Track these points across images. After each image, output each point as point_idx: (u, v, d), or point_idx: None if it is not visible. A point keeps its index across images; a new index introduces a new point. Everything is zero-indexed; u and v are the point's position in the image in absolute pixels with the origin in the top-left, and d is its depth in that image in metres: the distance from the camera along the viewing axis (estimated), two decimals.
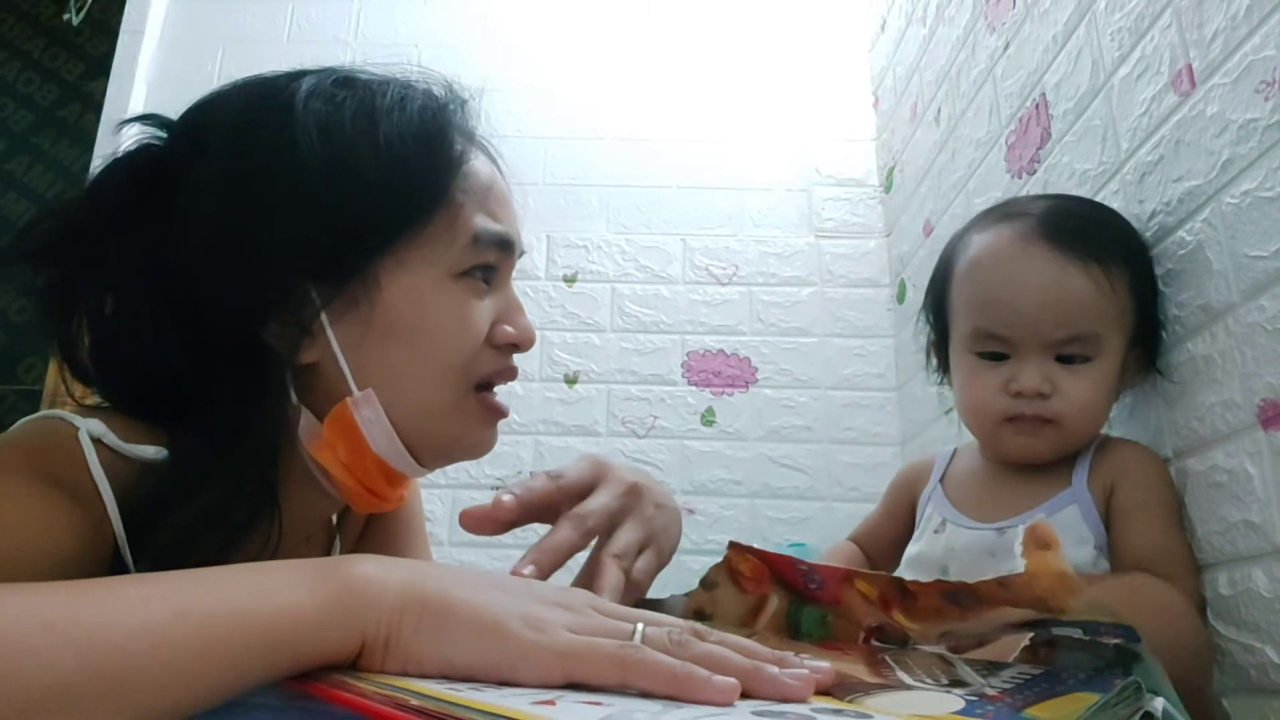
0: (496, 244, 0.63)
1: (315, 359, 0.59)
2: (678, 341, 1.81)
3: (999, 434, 0.84)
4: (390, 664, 0.39)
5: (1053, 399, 0.80)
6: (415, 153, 0.60)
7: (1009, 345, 0.83)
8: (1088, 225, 0.84)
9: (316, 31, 2.07)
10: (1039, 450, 0.83)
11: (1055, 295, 0.80)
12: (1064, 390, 0.80)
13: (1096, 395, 0.81)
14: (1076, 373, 0.81)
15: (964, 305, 0.87)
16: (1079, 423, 0.82)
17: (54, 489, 0.50)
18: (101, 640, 0.34)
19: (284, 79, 0.62)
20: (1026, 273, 0.81)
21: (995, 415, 0.83)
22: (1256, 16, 0.76)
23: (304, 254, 0.57)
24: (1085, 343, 0.80)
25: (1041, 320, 0.80)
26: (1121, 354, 0.82)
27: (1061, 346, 0.81)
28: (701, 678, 0.37)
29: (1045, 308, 0.80)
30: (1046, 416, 0.81)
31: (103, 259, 0.59)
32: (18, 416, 0.56)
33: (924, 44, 1.64)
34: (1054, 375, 0.81)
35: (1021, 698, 0.37)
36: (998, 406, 0.83)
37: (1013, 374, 0.82)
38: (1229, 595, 0.77)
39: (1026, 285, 0.81)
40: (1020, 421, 0.82)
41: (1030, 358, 0.81)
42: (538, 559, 0.56)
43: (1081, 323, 0.80)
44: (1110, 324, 0.81)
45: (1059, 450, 0.83)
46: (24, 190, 2.86)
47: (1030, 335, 0.81)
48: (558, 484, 0.61)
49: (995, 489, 0.88)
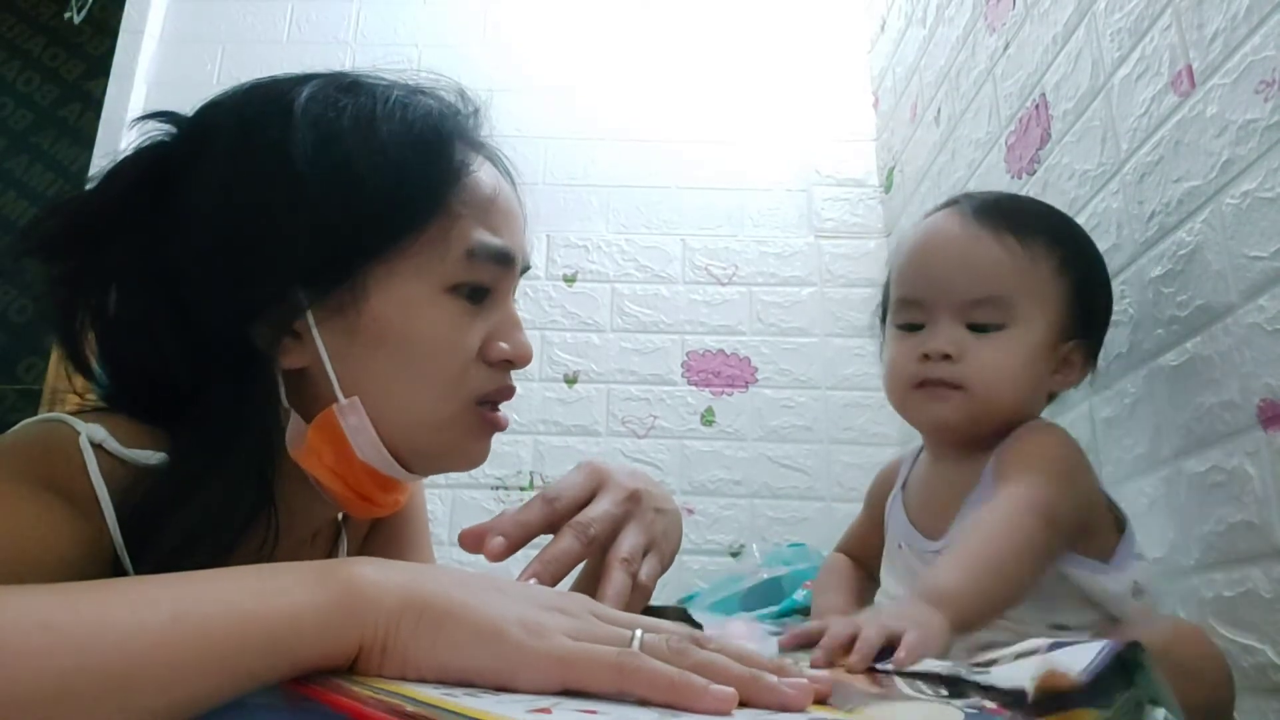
0: (494, 258, 0.62)
1: (304, 364, 0.59)
2: (677, 341, 1.81)
3: (910, 401, 0.85)
4: (388, 667, 0.39)
5: (960, 363, 0.80)
6: (412, 160, 0.59)
7: (924, 312, 0.84)
8: (1014, 208, 0.86)
9: (316, 31, 2.07)
10: (946, 416, 0.82)
11: (964, 257, 0.82)
12: (972, 355, 0.80)
13: (1007, 362, 0.80)
14: (987, 339, 0.81)
15: (892, 282, 0.90)
16: (987, 389, 0.80)
17: (52, 494, 0.50)
18: (101, 642, 0.34)
19: (290, 82, 0.61)
20: (943, 241, 0.84)
21: (906, 381, 0.84)
22: (1256, 17, 0.76)
23: (294, 257, 0.57)
24: (994, 306, 0.81)
25: (952, 281, 0.82)
26: (1043, 332, 0.81)
27: (972, 311, 0.81)
28: (699, 686, 0.37)
29: (955, 269, 0.82)
30: (952, 381, 0.81)
31: (109, 255, 0.59)
32: (18, 416, 0.56)
33: (924, 44, 1.64)
34: (962, 340, 0.81)
35: (1022, 711, 0.37)
36: (909, 373, 0.83)
37: (923, 340, 0.83)
38: (1229, 596, 0.77)
39: (940, 251, 0.84)
40: (927, 386, 0.82)
41: (941, 323, 0.82)
42: (539, 570, 0.55)
43: (989, 284, 0.81)
44: (1025, 293, 0.81)
45: (968, 419, 0.81)
46: (23, 189, 2.85)
47: (941, 297, 0.82)
48: (554, 507, 0.59)
49: (936, 490, 0.86)
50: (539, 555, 0.56)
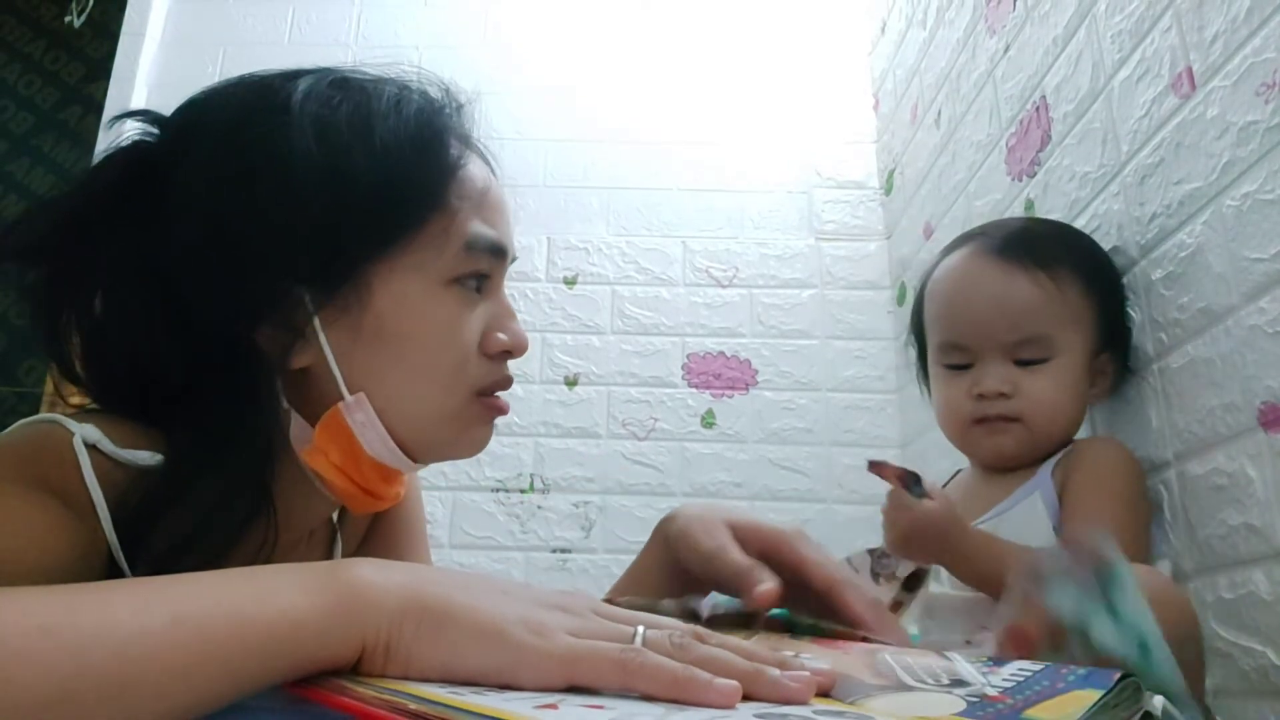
0: (490, 250, 0.63)
1: (307, 363, 0.59)
2: (678, 344, 1.81)
3: (970, 437, 0.90)
4: (391, 668, 0.38)
5: (1014, 398, 0.86)
6: (410, 157, 0.59)
7: (970, 354, 0.89)
8: (1034, 238, 0.90)
9: (317, 33, 2.07)
10: (1008, 448, 0.88)
11: (1003, 301, 0.87)
12: (1025, 390, 0.86)
13: (1059, 392, 0.86)
14: (1036, 372, 0.86)
15: (932, 323, 0.95)
16: (1044, 419, 0.86)
17: (46, 495, 0.50)
18: (100, 645, 0.34)
19: (279, 79, 0.61)
20: (978, 285, 0.89)
21: (964, 419, 0.89)
22: (1257, 19, 0.76)
23: (296, 257, 0.57)
24: (1038, 344, 0.86)
25: (994, 326, 0.87)
26: (1082, 354, 0.87)
27: (1017, 350, 0.87)
28: (703, 681, 0.37)
29: (996, 314, 0.87)
30: (1010, 415, 0.86)
31: (92, 256, 0.59)
32: (18, 418, 0.56)
33: (924, 46, 1.64)
34: (1014, 377, 0.87)
35: (1023, 698, 0.37)
36: (965, 411, 0.89)
37: (976, 379, 0.88)
38: (1230, 598, 0.77)
39: (977, 296, 0.89)
40: (987, 422, 0.88)
41: (990, 362, 0.87)
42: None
43: (1031, 325, 0.86)
44: (1062, 324, 0.86)
45: (1029, 448, 0.87)
46: (24, 193, 2.85)
47: (986, 341, 0.87)
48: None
49: (977, 493, 0.91)
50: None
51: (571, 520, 1.69)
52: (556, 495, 1.71)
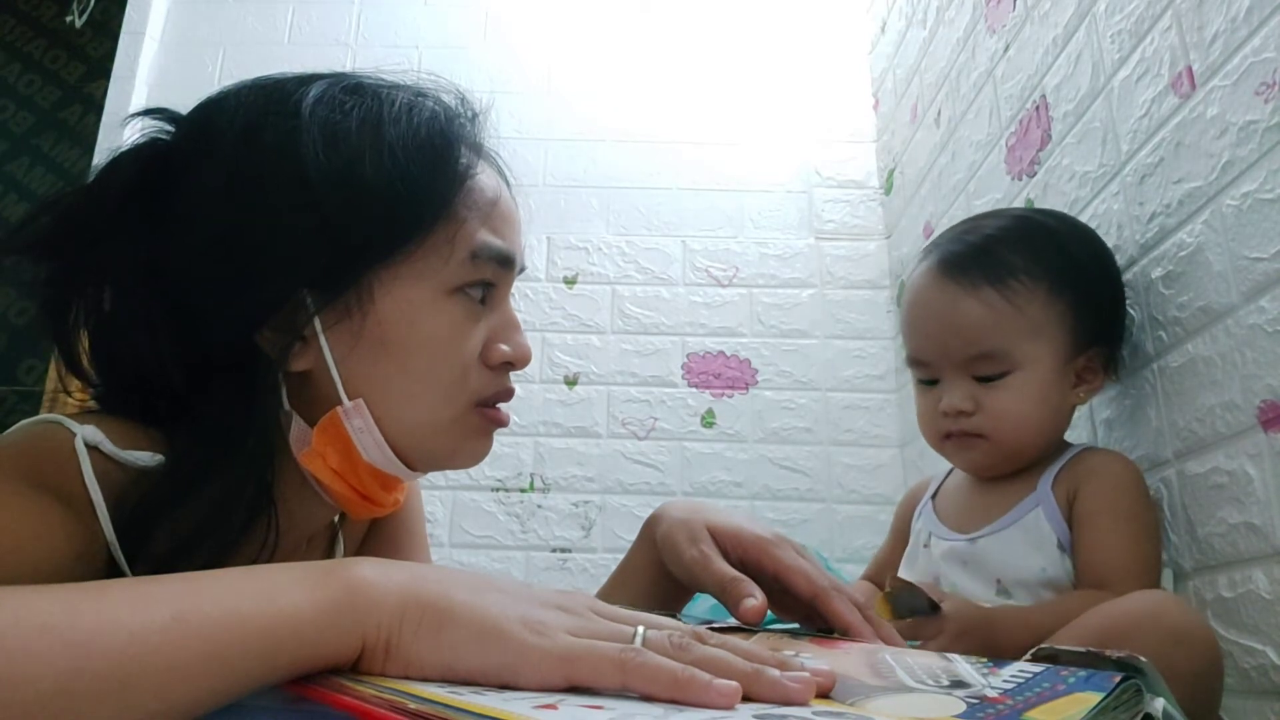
0: (496, 260, 0.62)
1: (308, 367, 0.59)
2: (678, 343, 1.81)
3: (944, 450, 0.90)
4: (391, 667, 0.39)
5: (976, 415, 0.85)
6: (419, 164, 0.59)
7: (933, 370, 0.88)
8: (988, 248, 0.87)
9: (317, 33, 2.07)
10: (978, 462, 0.88)
11: (950, 321, 0.86)
12: (987, 406, 0.85)
13: (1022, 404, 0.84)
14: (997, 387, 0.85)
15: (903, 336, 0.94)
16: (1009, 434, 0.84)
17: (46, 495, 0.50)
18: (100, 643, 0.34)
19: (294, 82, 0.61)
20: (928, 305, 0.88)
21: (936, 434, 0.89)
22: (1256, 19, 0.76)
23: (301, 260, 0.57)
24: (995, 360, 0.84)
25: (949, 345, 0.86)
26: (1051, 361, 0.84)
27: (973, 366, 0.85)
28: (703, 681, 0.37)
29: (949, 334, 0.86)
30: (972, 432, 0.85)
31: (102, 254, 0.59)
32: (18, 418, 0.56)
33: (924, 46, 1.64)
34: (976, 393, 0.85)
35: (1023, 700, 0.37)
36: (935, 426, 0.88)
37: (940, 395, 0.87)
38: (1230, 597, 0.77)
39: (929, 315, 0.88)
40: (953, 438, 0.87)
41: (952, 379, 0.87)
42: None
43: (984, 342, 0.84)
44: (1019, 337, 0.84)
45: (1001, 460, 0.86)
46: (24, 192, 2.85)
47: (943, 359, 0.87)
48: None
49: (975, 499, 0.90)
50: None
51: (571, 520, 1.70)
52: (556, 495, 1.71)
